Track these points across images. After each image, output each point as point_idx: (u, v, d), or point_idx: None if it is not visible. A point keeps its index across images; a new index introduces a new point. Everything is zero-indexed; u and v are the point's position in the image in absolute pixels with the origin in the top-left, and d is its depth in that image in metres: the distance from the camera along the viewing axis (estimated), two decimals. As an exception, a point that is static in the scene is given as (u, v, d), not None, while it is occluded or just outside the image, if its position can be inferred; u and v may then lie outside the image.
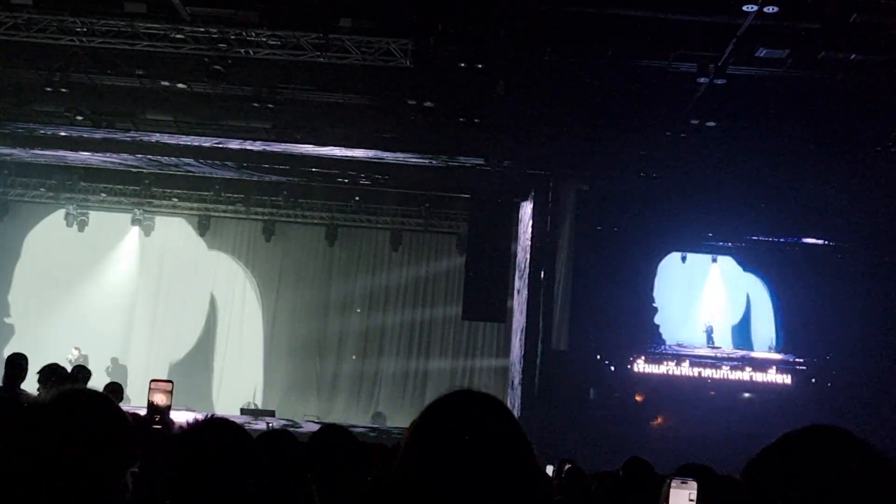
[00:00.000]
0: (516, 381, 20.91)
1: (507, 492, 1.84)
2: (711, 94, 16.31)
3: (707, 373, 20.78)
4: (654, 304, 21.60)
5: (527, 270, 20.77)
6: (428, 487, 1.83)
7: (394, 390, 23.99)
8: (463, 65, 15.65)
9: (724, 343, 21.77)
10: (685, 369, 20.73)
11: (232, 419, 2.29)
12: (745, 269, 22.03)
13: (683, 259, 22.07)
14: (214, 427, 2.15)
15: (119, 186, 23.44)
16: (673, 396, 20.47)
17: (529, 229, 20.86)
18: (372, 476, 3.61)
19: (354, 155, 19.77)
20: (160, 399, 6.36)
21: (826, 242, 21.28)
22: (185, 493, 2.00)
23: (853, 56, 14.82)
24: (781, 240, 21.53)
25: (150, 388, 6.56)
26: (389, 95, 17.56)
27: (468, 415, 1.90)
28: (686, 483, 2.50)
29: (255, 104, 17.76)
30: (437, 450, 1.86)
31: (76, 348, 22.27)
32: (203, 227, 24.41)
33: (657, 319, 21.57)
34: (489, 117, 18.11)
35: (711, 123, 17.75)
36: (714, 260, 22.27)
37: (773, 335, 21.74)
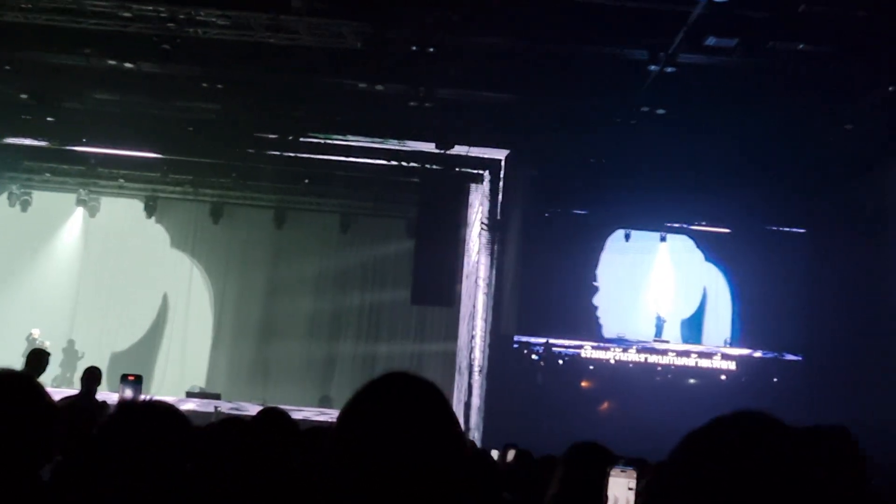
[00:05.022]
0: (464, 366, 20.96)
1: (433, 475, 1.85)
2: (661, 82, 16.41)
3: (653, 359, 20.94)
4: (595, 283, 21.58)
5: (476, 255, 20.79)
6: (355, 471, 1.84)
7: (342, 374, 23.93)
8: (415, 48, 15.58)
9: (673, 337, 21.69)
10: (632, 355, 20.88)
11: (170, 402, 2.24)
12: (707, 258, 22.00)
13: (627, 237, 21.83)
14: (147, 411, 2.10)
15: (64, 166, 22.99)
16: (620, 382, 20.64)
17: (480, 214, 20.87)
18: (305, 459, 3.59)
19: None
20: (129, 394, 6.29)
21: (780, 230, 21.49)
22: (118, 477, 1.96)
23: (801, 46, 14.99)
24: (729, 226, 21.64)
25: (120, 384, 6.50)
26: (340, 78, 17.45)
27: (398, 399, 1.90)
28: (625, 472, 2.52)
29: (205, 84, 17.54)
30: (365, 434, 1.88)
31: (35, 330, 22.05)
32: (150, 209, 24.08)
33: (596, 301, 21.53)
34: (441, 102, 18.07)
35: (661, 111, 17.86)
36: (663, 239, 22.04)
37: (729, 331, 21.72)
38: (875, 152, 19.66)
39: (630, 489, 2.50)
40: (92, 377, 9.93)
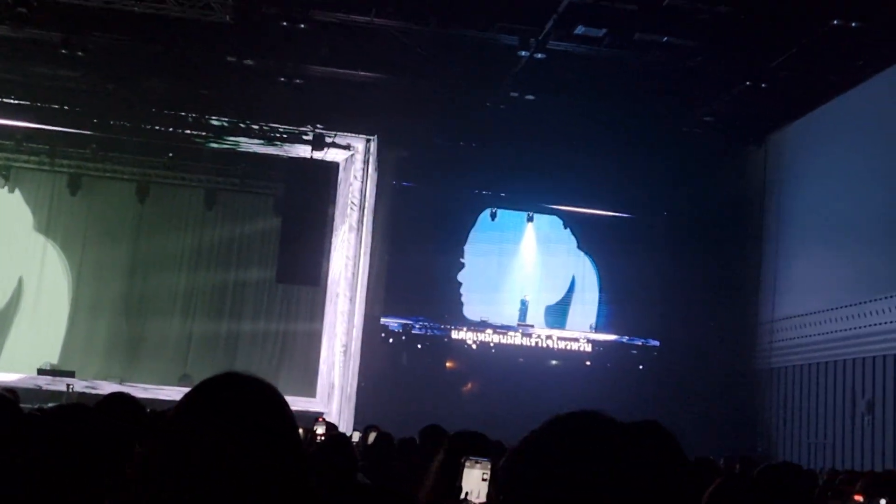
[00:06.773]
0: (330, 346, 20.87)
1: (263, 477, 1.86)
2: (532, 68, 16.62)
3: (517, 341, 21.23)
4: (462, 260, 21.73)
5: (344, 234, 20.69)
6: (180, 472, 1.85)
7: (203, 352, 23.45)
8: (285, 24, 15.35)
9: (537, 321, 21.91)
10: (496, 337, 21.13)
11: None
12: (579, 246, 22.34)
13: (493, 216, 21.98)
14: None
15: None
16: (483, 364, 20.87)
17: (348, 193, 20.78)
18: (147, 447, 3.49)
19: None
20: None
21: (643, 214, 22.02)
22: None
23: (665, 38, 15.40)
24: (604, 213, 22.03)
25: None
26: (208, 51, 17.06)
27: (229, 401, 1.90)
28: (479, 462, 2.53)
29: (64, 51, 16.87)
30: (195, 435, 1.87)
31: None
32: (3, 178, 23.08)
33: (461, 277, 21.67)
34: (310, 80, 17.87)
35: (531, 97, 18.08)
36: (530, 219, 22.18)
37: (595, 317, 22.12)
38: (733, 143, 20.39)
39: (484, 479, 2.52)
40: None
